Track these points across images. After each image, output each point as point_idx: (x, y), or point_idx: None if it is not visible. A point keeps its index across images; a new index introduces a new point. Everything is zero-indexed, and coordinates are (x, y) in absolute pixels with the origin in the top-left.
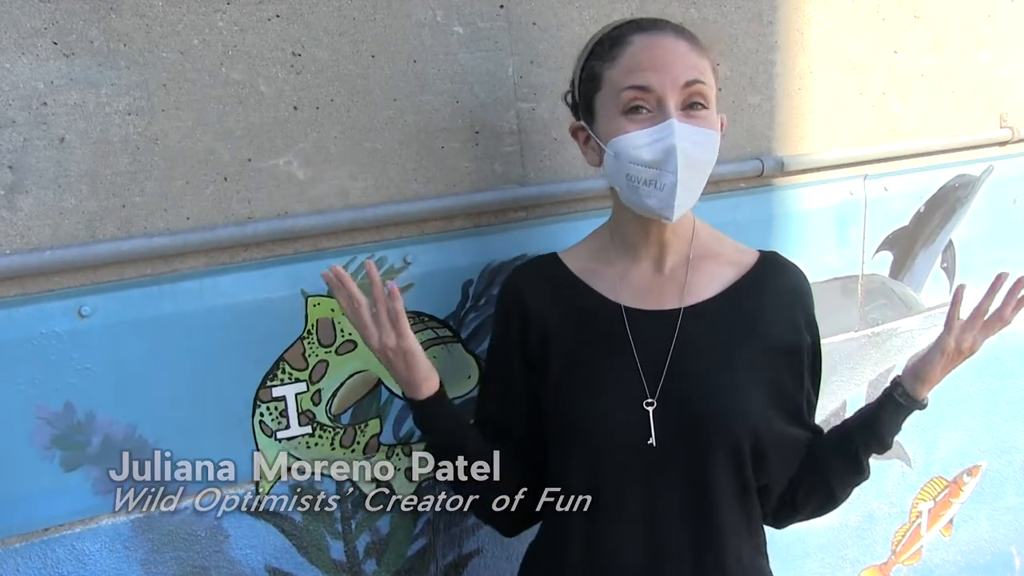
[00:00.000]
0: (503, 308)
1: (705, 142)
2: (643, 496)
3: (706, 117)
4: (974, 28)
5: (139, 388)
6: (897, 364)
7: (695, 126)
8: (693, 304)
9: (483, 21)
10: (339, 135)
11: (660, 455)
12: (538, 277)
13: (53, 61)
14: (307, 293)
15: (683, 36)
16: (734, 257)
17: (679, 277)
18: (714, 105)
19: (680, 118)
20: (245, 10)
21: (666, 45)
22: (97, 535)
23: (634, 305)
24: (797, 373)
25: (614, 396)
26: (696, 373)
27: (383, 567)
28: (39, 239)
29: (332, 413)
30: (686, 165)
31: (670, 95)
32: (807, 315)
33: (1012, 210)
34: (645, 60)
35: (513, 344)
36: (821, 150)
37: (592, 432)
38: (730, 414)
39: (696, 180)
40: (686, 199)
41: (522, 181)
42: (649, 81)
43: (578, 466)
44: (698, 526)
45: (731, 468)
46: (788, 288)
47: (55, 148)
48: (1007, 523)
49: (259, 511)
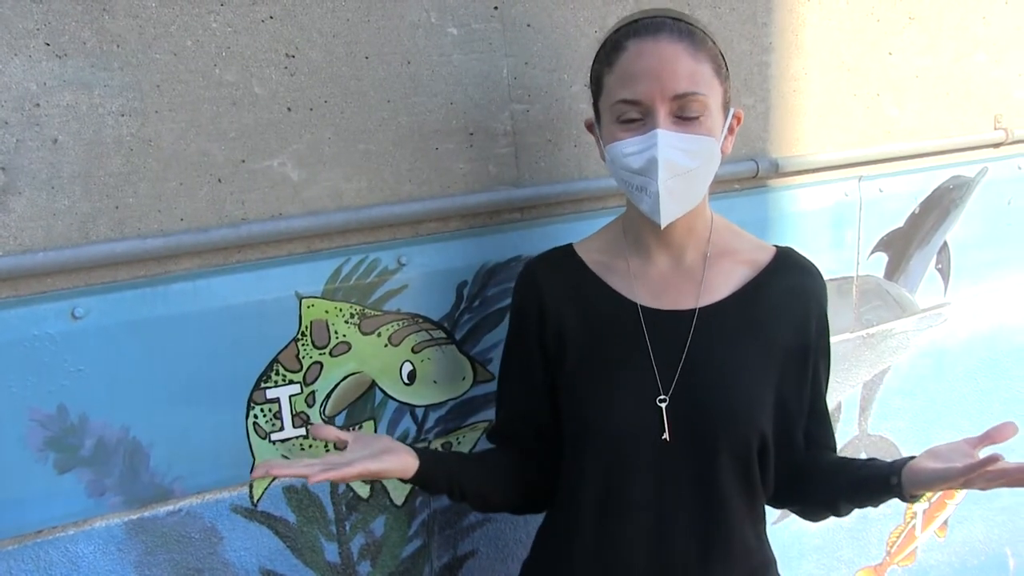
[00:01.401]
0: (520, 302)
1: (695, 150)
2: (654, 489)
3: (700, 124)
4: (968, 30)
5: (133, 390)
6: (892, 365)
7: (684, 134)
8: (708, 304)
9: (477, 22)
10: (333, 136)
11: (672, 450)
12: (555, 270)
13: (46, 62)
14: (301, 295)
15: (682, 38)
16: (751, 255)
17: (696, 275)
18: (716, 108)
19: (669, 126)
20: (239, 11)
21: (661, 52)
22: (91, 537)
23: (650, 304)
24: (804, 372)
25: (629, 393)
26: (709, 373)
27: (377, 569)
28: (32, 240)
29: (326, 415)
30: (671, 174)
31: (659, 105)
32: (819, 314)
33: (1006, 211)
34: (638, 69)
35: (532, 338)
36: (816, 151)
37: (606, 427)
38: (740, 415)
39: (685, 188)
40: (674, 206)
41: (516, 182)
42: (638, 94)
43: (592, 459)
44: (706, 519)
45: (739, 464)
46: (801, 287)
47: (48, 149)
48: (1001, 524)
49: (253, 513)
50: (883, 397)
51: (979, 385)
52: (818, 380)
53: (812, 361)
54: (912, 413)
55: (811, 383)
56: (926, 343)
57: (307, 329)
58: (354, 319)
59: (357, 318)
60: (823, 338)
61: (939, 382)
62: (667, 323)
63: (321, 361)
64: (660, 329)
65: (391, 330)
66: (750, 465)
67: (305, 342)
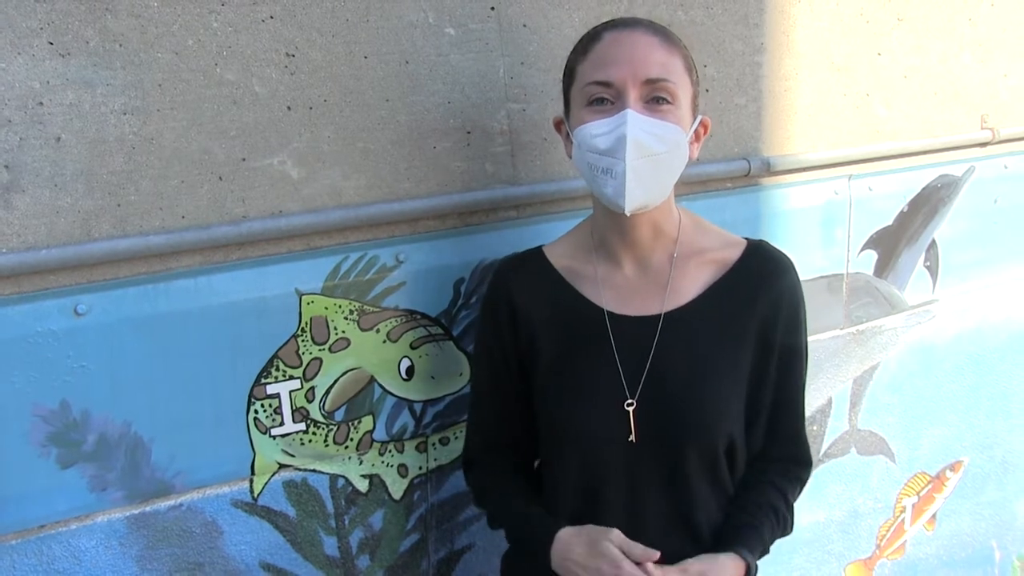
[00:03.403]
0: (492, 306)
1: (663, 135)
2: (626, 490)
3: (669, 112)
4: (955, 30)
5: (134, 386)
6: (881, 362)
7: (654, 118)
8: (673, 309)
9: (474, 23)
10: (332, 135)
11: (640, 452)
12: (525, 274)
13: (49, 61)
14: (301, 291)
15: (656, 32)
16: (719, 253)
17: (662, 279)
18: (685, 103)
19: (640, 110)
20: (239, 11)
21: (635, 40)
22: (93, 532)
23: (617, 310)
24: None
25: (596, 398)
26: (674, 377)
27: (376, 563)
28: (35, 238)
29: (326, 410)
30: (638, 154)
31: (631, 88)
32: (789, 308)
33: (993, 210)
34: (611, 54)
35: (505, 342)
36: (806, 150)
37: (576, 431)
38: (705, 417)
39: (651, 172)
40: (640, 191)
41: (513, 180)
42: (610, 75)
43: (566, 460)
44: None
45: (706, 464)
46: (770, 282)
47: (51, 147)
48: (988, 517)
49: (253, 507)
50: (872, 393)
51: (966, 381)
52: (789, 374)
53: (780, 355)
54: (901, 409)
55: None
56: (915, 340)
57: (307, 325)
58: (353, 315)
59: (356, 314)
60: (793, 335)
61: (927, 378)
62: (633, 329)
63: (321, 357)
64: (626, 335)
65: (390, 326)
66: (717, 464)
67: (305, 338)
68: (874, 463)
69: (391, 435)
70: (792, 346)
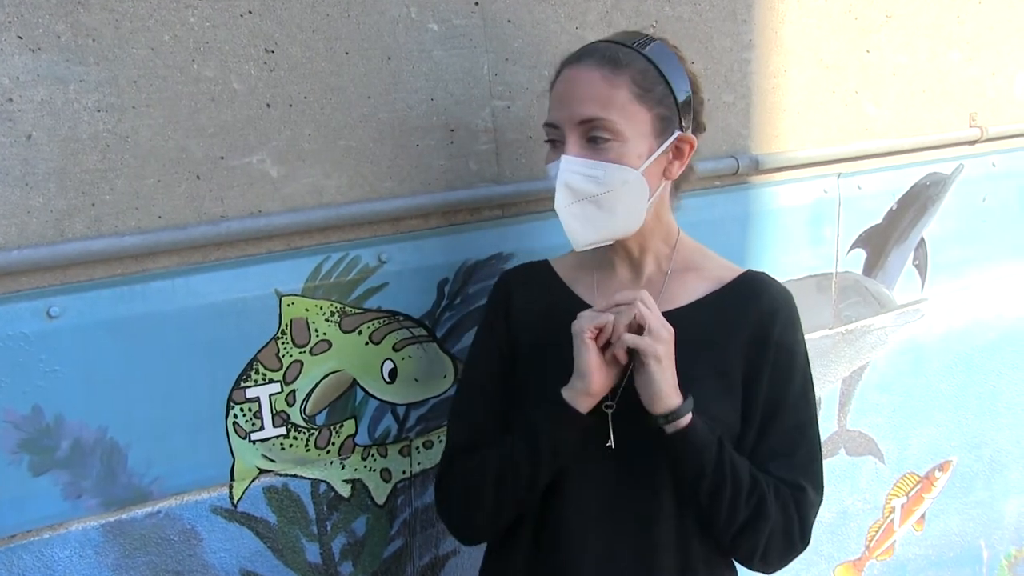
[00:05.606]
0: (491, 306)
1: (598, 176)
2: (602, 496)
3: (609, 150)
4: (943, 28)
5: (110, 390)
6: (871, 361)
7: (588, 159)
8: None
9: (458, 18)
10: (313, 133)
11: (618, 457)
12: (527, 280)
13: (19, 56)
14: (281, 293)
15: (604, 64)
16: (715, 273)
17: (655, 287)
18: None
19: (577, 151)
20: (217, 6)
21: (579, 78)
22: (66, 541)
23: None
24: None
25: None
26: None
27: (359, 569)
28: (6, 238)
29: (307, 414)
30: (572, 199)
31: (569, 131)
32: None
33: (982, 208)
34: (560, 94)
35: (499, 342)
36: (795, 148)
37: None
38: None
39: (593, 214)
40: (587, 230)
41: (497, 179)
42: (555, 118)
43: None
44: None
45: None
46: (762, 309)
47: (21, 145)
48: (976, 517)
49: (233, 514)
50: (862, 393)
51: (955, 380)
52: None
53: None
54: (890, 408)
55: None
56: (904, 339)
57: (287, 327)
58: (335, 317)
59: (338, 316)
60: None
61: (916, 377)
62: None
63: (301, 360)
64: None
65: (372, 328)
66: None
67: (285, 340)
68: (863, 464)
69: (374, 439)
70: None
